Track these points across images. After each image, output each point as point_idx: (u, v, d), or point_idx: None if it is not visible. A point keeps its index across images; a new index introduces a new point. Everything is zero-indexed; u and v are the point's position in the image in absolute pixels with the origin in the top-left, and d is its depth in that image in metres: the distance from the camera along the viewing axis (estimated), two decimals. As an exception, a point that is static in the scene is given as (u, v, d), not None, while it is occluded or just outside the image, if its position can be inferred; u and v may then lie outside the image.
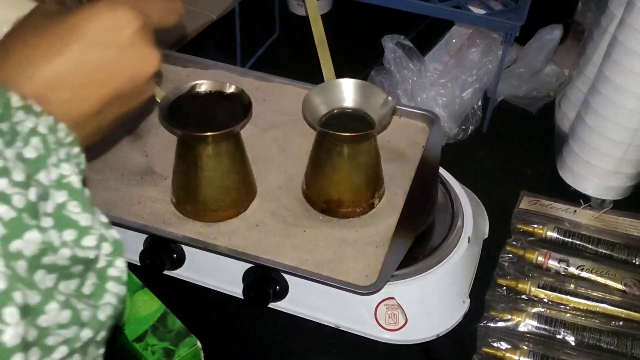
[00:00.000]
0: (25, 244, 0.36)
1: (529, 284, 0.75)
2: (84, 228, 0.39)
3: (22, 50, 0.42)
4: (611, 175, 0.84)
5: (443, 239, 0.73)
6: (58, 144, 0.40)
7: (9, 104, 0.39)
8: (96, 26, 0.42)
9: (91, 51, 0.42)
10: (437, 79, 0.92)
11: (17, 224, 0.36)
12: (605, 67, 0.79)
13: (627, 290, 0.75)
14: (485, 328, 0.72)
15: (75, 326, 0.38)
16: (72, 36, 0.42)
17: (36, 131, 0.39)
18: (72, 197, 0.39)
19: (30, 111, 0.40)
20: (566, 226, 0.82)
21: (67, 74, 0.42)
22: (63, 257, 0.38)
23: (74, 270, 0.39)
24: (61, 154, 0.40)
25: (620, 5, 0.80)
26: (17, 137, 0.39)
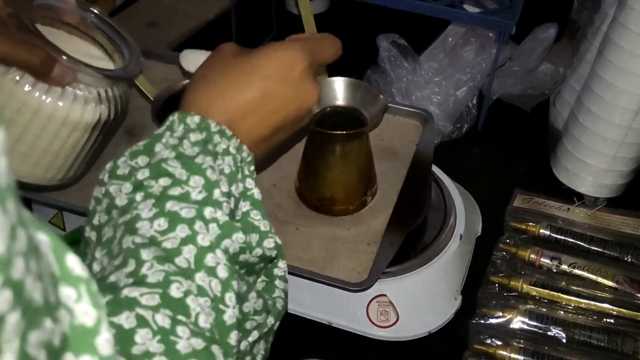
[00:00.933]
0: (232, 243, 0.44)
1: (521, 281, 0.76)
2: (264, 232, 0.47)
3: (218, 85, 0.51)
4: (604, 173, 0.85)
5: (435, 237, 0.74)
6: (243, 162, 0.49)
7: (209, 128, 0.48)
8: (275, 65, 0.51)
9: (271, 86, 0.51)
10: (432, 78, 0.93)
11: (229, 225, 0.44)
12: (597, 65, 0.80)
13: (618, 287, 0.75)
14: (477, 325, 0.73)
15: (265, 313, 0.46)
16: (256, 73, 0.51)
17: (228, 151, 0.49)
18: (254, 207, 0.48)
19: (224, 135, 0.49)
20: (559, 224, 0.82)
21: (252, 104, 0.51)
22: (255, 255, 0.46)
23: (257, 267, 0.47)
24: (245, 170, 0.49)
25: (613, 4, 0.81)
26: (217, 156, 0.48)
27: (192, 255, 0.42)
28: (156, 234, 0.42)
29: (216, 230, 0.43)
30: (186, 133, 0.48)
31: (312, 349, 0.72)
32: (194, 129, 0.48)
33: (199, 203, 0.44)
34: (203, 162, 0.46)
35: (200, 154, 0.46)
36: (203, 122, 0.48)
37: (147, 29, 1.14)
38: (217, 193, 0.45)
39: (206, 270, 0.42)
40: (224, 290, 0.42)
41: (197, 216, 0.43)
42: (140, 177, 0.45)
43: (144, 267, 0.41)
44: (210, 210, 0.44)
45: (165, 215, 0.43)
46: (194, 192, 0.44)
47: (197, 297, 0.41)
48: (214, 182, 0.45)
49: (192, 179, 0.45)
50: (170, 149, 0.46)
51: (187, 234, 0.42)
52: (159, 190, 0.44)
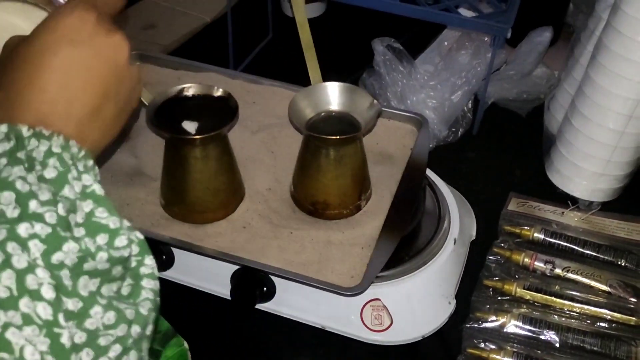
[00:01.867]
0: (65, 255, 0.39)
1: (515, 285, 0.76)
2: (114, 230, 0.42)
3: (12, 83, 0.45)
4: (598, 177, 0.85)
5: (429, 241, 0.74)
6: (74, 159, 0.44)
7: (21, 134, 0.42)
8: (60, 33, 0.46)
9: (65, 55, 0.45)
10: (427, 82, 0.93)
11: (54, 237, 0.39)
12: (591, 69, 0.80)
13: (612, 291, 0.75)
14: (471, 329, 0.73)
15: (123, 324, 0.42)
16: (44, 52, 0.45)
17: (51, 152, 0.43)
18: (98, 204, 0.43)
19: (40, 136, 0.43)
20: (553, 228, 0.82)
21: (56, 84, 0.45)
22: (101, 261, 0.41)
23: (115, 273, 0.43)
24: (79, 166, 0.44)
25: (606, 8, 0.81)
26: (34, 163, 0.42)
27: (12, 282, 0.37)
28: None
29: (40, 247, 0.39)
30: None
31: (305, 352, 0.73)
32: (1, 139, 0.42)
33: (11, 222, 0.39)
34: (9, 174, 0.41)
35: (7, 167, 0.41)
36: (11, 130, 0.43)
37: (144, 31, 1.14)
38: (34, 204, 0.40)
39: (29, 294, 0.37)
40: (56, 312, 0.38)
41: (9, 237, 0.38)
42: None
43: None
44: (26, 226, 0.39)
45: None
46: (8, 210, 0.39)
47: (22, 328, 0.37)
48: (27, 193, 0.40)
49: (1, 196, 0.40)
50: None
51: (2, 258, 0.37)
52: None
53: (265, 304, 0.72)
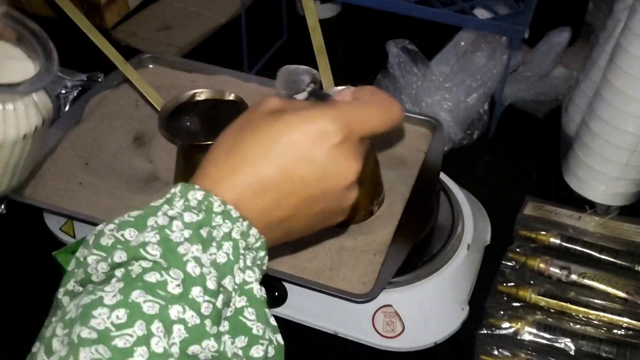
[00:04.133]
0: (202, 350, 0.38)
1: (530, 291, 0.75)
2: (255, 337, 0.41)
3: (235, 154, 0.44)
4: (616, 181, 0.84)
5: (442, 246, 0.73)
6: (247, 249, 0.43)
7: (211, 208, 0.42)
8: (299, 139, 0.43)
9: (289, 162, 0.43)
10: (442, 84, 0.92)
11: (199, 331, 0.38)
12: (608, 72, 0.79)
13: (629, 298, 0.74)
14: (484, 336, 0.72)
15: None
16: (276, 146, 0.43)
17: (230, 236, 0.42)
18: (250, 304, 0.42)
19: (228, 216, 0.42)
20: (570, 233, 0.81)
21: (268, 182, 0.43)
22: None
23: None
24: (248, 260, 0.42)
25: (625, 9, 0.80)
26: (212, 243, 0.41)
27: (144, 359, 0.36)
28: (111, 327, 0.36)
29: (182, 334, 0.38)
30: (183, 210, 0.41)
31: (317, 358, 0.72)
32: (191, 206, 0.42)
33: (168, 299, 0.38)
34: (186, 252, 0.40)
35: (186, 242, 0.40)
36: (206, 199, 0.42)
37: (160, 32, 1.14)
38: (196, 291, 0.39)
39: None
40: None
41: (159, 315, 0.37)
42: (117, 259, 0.40)
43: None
44: (178, 310, 0.38)
45: (127, 307, 0.37)
46: (172, 284, 0.39)
47: None
48: (196, 277, 0.39)
49: (172, 270, 0.39)
50: (157, 230, 0.40)
51: (144, 333, 0.37)
52: (137, 271, 0.39)
53: (277, 309, 0.72)
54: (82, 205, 0.74)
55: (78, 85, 0.94)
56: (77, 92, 0.94)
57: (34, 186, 0.75)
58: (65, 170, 0.77)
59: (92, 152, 0.79)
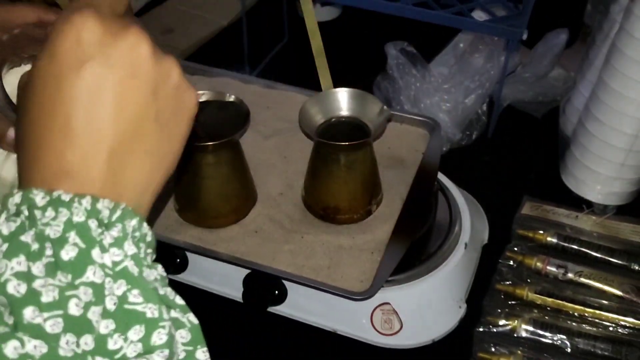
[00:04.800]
0: None
1: (527, 289, 0.76)
2: (151, 321, 0.34)
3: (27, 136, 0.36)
4: (613, 181, 0.84)
5: (440, 245, 0.74)
6: (104, 225, 0.35)
7: (34, 204, 0.34)
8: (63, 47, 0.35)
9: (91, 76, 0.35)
10: (441, 85, 0.93)
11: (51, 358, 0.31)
12: (604, 73, 0.80)
13: (624, 296, 0.75)
14: (482, 333, 0.73)
15: None
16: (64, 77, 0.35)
17: (72, 223, 0.34)
18: (132, 286, 0.34)
19: (59, 203, 0.34)
20: (567, 232, 0.82)
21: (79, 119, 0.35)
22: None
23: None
24: (107, 238, 0.34)
25: (621, 11, 0.80)
26: (45, 244, 0.34)
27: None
28: None
29: None
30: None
31: (316, 356, 0.73)
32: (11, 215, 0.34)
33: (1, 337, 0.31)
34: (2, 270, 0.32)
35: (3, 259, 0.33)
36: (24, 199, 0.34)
37: (163, 36, 1.15)
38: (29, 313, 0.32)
39: None
40: None
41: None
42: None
43: None
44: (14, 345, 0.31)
45: None
46: None
47: None
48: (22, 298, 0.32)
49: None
50: None
51: None
52: None
53: (276, 307, 0.73)
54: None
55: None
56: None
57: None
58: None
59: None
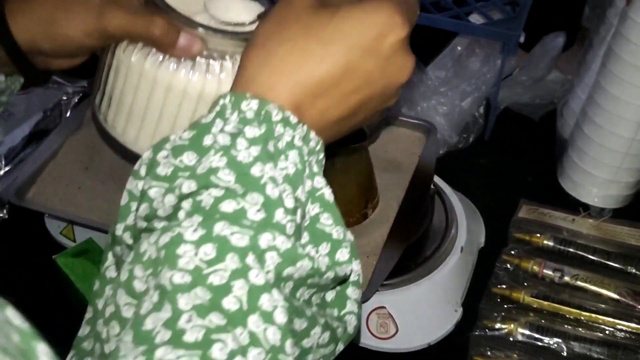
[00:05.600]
0: (296, 270, 0.37)
1: (523, 293, 0.76)
2: (337, 241, 0.39)
3: (285, 58, 0.40)
4: (610, 184, 0.84)
5: (436, 249, 0.74)
6: (310, 154, 0.40)
7: (270, 117, 0.39)
8: (361, 31, 0.41)
9: (355, 59, 0.41)
10: (438, 88, 0.93)
11: (291, 254, 0.36)
12: (601, 76, 0.80)
13: (620, 299, 0.75)
14: (478, 337, 0.73)
15: (332, 344, 0.40)
16: (336, 42, 0.40)
17: (293, 144, 0.39)
18: (324, 210, 0.40)
19: (287, 124, 0.39)
20: (563, 235, 0.82)
21: (329, 81, 0.41)
22: (327, 279, 0.38)
23: (330, 285, 0.40)
24: (314, 166, 0.40)
25: (617, 15, 0.80)
26: (280, 156, 0.39)
27: (244, 293, 0.34)
28: (201, 265, 0.35)
29: (275, 260, 0.36)
30: (242, 125, 0.38)
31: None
32: (250, 119, 0.39)
33: (255, 228, 0.36)
34: (262, 173, 0.37)
35: (258, 162, 0.37)
36: (262, 108, 0.39)
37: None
38: (279, 214, 0.37)
39: (261, 314, 0.34)
40: (284, 339, 0.35)
41: (251, 246, 0.35)
42: (186, 190, 0.37)
43: (182, 319, 0.34)
44: (268, 238, 0.36)
45: (213, 241, 0.35)
46: (251, 210, 0.36)
47: (247, 352, 0.34)
48: (276, 200, 0.37)
49: (249, 195, 0.37)
50: (221, 152, 0.38)
51: (238, 266, 0.35)
52: (209, 202, 0.37)
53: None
54: (82, 210, 0.75)
55: (79, 91, 0.95)
56: (78, 98, 0.95)
57: (35, 191, 0.76)
58: (66, 175, 0.78)
59: (91, 157, 0.80)
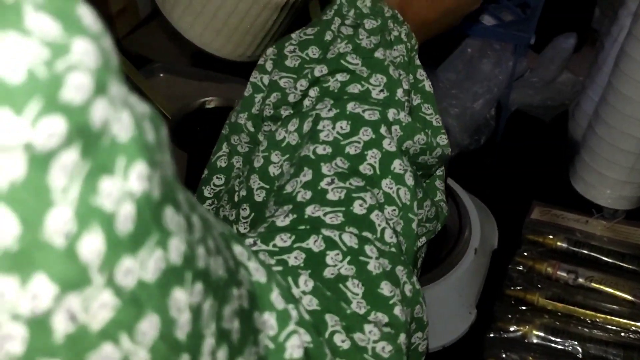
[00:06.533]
0: (413, 144, 0.42)
1: (537, 295, 0.76)
2: (437, 128, 0.45)
3: None
4: (623, 185, 0.84)
5: (449, 251, 0.74)
6: (412, 51, 0.46)
7: (382, 12, 0.45)
8: None
9: None
10: (449, 90, 0.93)
11: (411, 127, 0.41)
12: (613, 77, 0.79)
13: (636, 301, 0.75)
14: (492, 339, 0.73)
15: (435, 220, 0.45)
16: None
17: (400, 39, 0.45)
18: (425, 100, 0.45)
19: (396, 20, 0.45)
20: (577, 237, 0.82)
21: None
22: (435, 156, 0.44)
23: (433, 169, 0.46)
24: (416, 60, 0.46)
25: (629, 15, 0.80)
26: (392, 46, 0.44)
27: (376, 160, 0.39)
28: (339, 137, 0.40)
29: (398, 132, 0.41)
30: (359, 19, 0.44)
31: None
32: (366, 14, 0.44)
33: (381, 105, 0.41)
34: (384, 57, 0.42)
35: (380, 47, 0.43)
36: (375, 5, 0.45)
37: (171, 41, 1.15)
38: (400, 92, 0.42)
39: (393, 177, 0.39)
40: (413, 199, 0.40)
41: (381, 119, 0.40)
42: (317, 74, 0.42)
43: (324, 182, 0.38)
44: (393, 112, 0.41)
45: (347, 118, 0.40)
46: (375, 91, 0.42)
47: (383, 209, 0.38)
48: (396, 80, 0.42)
49: (373, 77, 0.42)
50: (346, 40, 0.43)
51: (371, 137, 0.40)
52: (336, 86, 0.42)
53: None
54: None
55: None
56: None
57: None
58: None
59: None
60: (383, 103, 0.41)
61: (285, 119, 0.43)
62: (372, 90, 0.42)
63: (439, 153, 0.44)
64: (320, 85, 0.42)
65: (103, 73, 0.19)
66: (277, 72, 0.44)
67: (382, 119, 0.40)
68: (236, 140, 0.46)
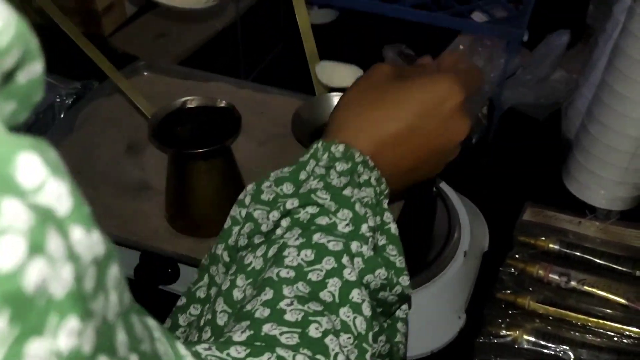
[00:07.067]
0: (374, 278, 0.43)
1: (528, 298, 0.74)
2: (400, 269, 0.47)
3: (368, 114, 0.50)
4: (617, 186, 0.82)
5: (438, 254, 0.72)
6: (381, 195, 0.49)
7: (353, 158, 0.48)
8: (428, 97, 0.50)
9: (420, 119, 0.49)
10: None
11: (373, 261, 0.44)
12: (607, 75, 0.77)
13: (629, 305, 0.73)
14: (482, 344, 0.71)
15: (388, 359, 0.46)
16: (406, 105, 0.50)
17: (369, 182, 0.48)
18: (390, 242, 0.47)
19: (366, 165, 0.48)
20: (569, 238, 0.80)
21: (398, 137, 0.49)
22: (395, 293, 0.45)
23: (392, 307, 0.47)
24: (383, 203, 0.48)
25: (623, 11, 0.78)
26: (361, 187, 0.47)
27: (336, 289, 0.41)
28: (303, 263, 0.42)
29: (360, 264, 0.43)
30: (332, 162, 0.48)
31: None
32: (339, 157, 0.48)
33: (345, 237, 0.44)
34: (351, 194, 0.45)
35: (348, 186, 0.46)
36: (348, 151, 0.48)
37: (156, 39, 1.13)
38: (364, 228, 0.44)
39: (351, 305, 0.41)
40: (368, 329, 0.41)
41: (344, 250, 0.43)
42: (289, 206, 0.45)
43: (283, 302, 0.40)
44: (357, 244, 0.43)
45: (312, 247, 0.43)
46: (341, 224, 0.44)
47: (339, 335, 0.40)
48: (362, 216, 0.45)
49: (340, 211, 0.45)
50: (318, 178, 0.46)
51: (333, 266, 0.42)
52: (305, 217, 0.45)
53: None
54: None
55: (72, 93, 0.93)
56: (72, 100, 0.93)
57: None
58: (58, 179, 0.76)
59: (84, 160, 0.78)
60: (347, 236, 0.44)
61: (255, 245, 0.46)
62: (339, 223, 0.44)
63: (399, 291, 0.45)
64: (292, 216, 0.45)
65: (39, 231, 0.17)
66: (253, 204, 0.47)
67: (345, 249, 0.43)
68: (214, 270, 0.48)
